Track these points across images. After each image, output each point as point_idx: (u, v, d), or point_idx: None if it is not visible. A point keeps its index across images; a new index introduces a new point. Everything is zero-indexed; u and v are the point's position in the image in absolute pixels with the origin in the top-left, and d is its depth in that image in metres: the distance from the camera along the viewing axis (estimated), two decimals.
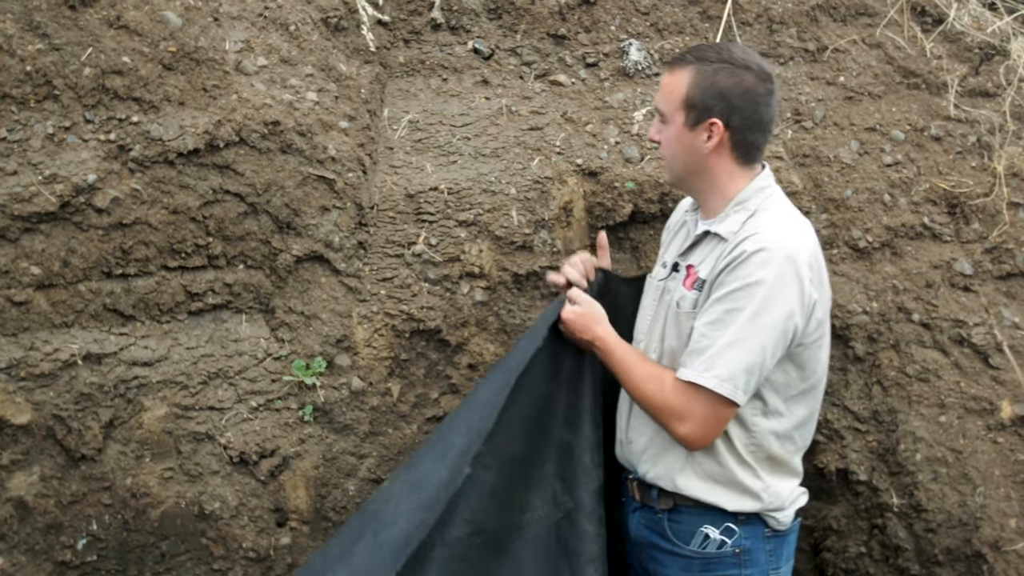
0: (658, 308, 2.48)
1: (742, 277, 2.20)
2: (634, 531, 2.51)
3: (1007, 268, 3.20)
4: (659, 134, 2.37)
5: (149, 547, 2.84)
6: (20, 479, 2.73)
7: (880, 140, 3.28)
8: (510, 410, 2.26)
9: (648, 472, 2.43)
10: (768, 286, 2.18)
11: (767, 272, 2.18)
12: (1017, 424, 3.08)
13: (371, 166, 3.12)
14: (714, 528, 2.35)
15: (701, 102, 2.27)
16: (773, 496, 2.36)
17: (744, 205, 2.34)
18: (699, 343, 2.24)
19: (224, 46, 2.94)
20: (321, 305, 2.98)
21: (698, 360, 2.22)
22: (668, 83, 2.32)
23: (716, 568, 2.37)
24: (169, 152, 2.79)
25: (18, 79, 2.73)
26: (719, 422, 2.25)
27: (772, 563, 2.41)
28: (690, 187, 2.44)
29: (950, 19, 3.39)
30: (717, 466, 2.34)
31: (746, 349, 2.18)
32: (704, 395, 2.21)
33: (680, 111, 2.30)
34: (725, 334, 2.19)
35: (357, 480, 2.98)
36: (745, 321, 2.18)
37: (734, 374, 2.19)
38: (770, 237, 2.23)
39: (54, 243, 2.74)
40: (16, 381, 2.71)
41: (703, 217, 2.44)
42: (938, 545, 3.04)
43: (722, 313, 2.21)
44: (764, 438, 2.34)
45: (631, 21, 3.51)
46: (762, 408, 2.33)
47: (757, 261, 2.19)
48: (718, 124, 2.29)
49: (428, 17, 3.49)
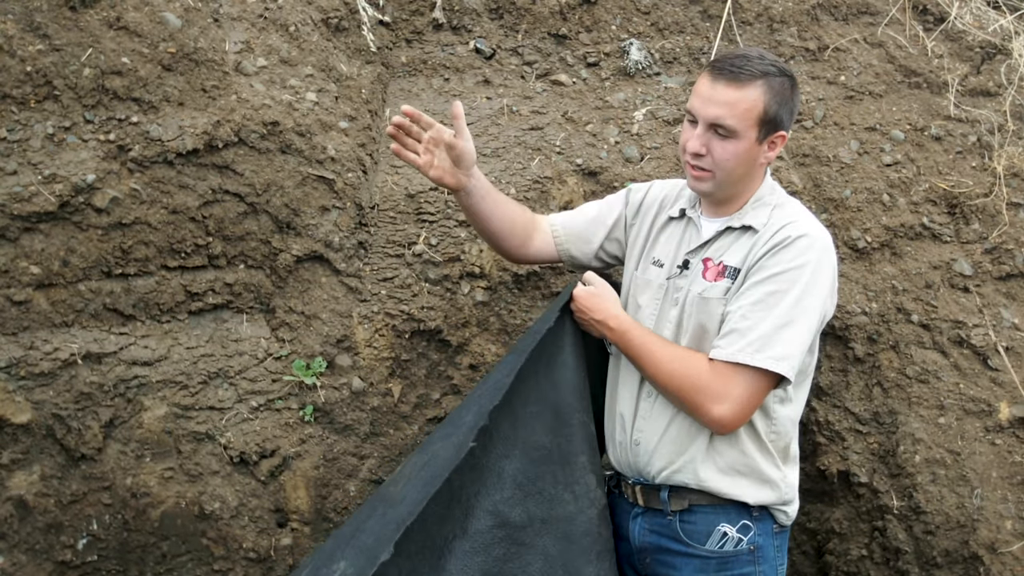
0: (663, 305, 2.47)
1: (786, 261, 2.26)
2: (637, 537, 2.48)
3: (1007, 269, 3.19)
4: (712, 148, 2.31)
5: (149, 547, 2.84)
6: (20, 478, 2.74)
7: (880, 140, 3.27)
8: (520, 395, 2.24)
9: (663, 470, 2.40)
10: (811, 270, 2.26)
11: (810, 257, 2.26)
12: (1015, 426, 3.07)
13: (372, 166, 3.12)
14: (731, 526, 2.36)
15: (776, 116, 2.29)
16: (787, 487, 2.41)
17: (763, 200, 2.40)
18: (739, 324, 2.26)
19: (224, 47, 2.94)
20: (321, 305, 2.98)
21: (741, 340, 2.24)
22: (737, 99, 2.26)
23: (733, 567, 2.38)
24: (168, 152, 2.80)
25: (18, 79, 2.74)
26: (754, 403, 2.28)
27: (779, 559, 2.44)
28: (726, 195, 2.42)
29: (951, 18, 3.37)
30: (740, 455, 2.35)
31: (798, 330, 2.24)
32: (747, 375, 2.24)
33: (755, 127, 2.28)
34: (771, 315, 2.23)
35: (358, 481, 2.98)
36: (792, 303, 2.23)
37: (789, 353, 2.23)
38: (809, 225, 2.33)
39: (54, 243, 2.75)
40: (16, 380, 2.71)
41: (713, 214, 2.46)
42: (936, 547, 3.03)
43: (765, 295, 2.25)
44: (783, 425, 2.39)
45: (632, 21, 3.51)
46: (781, 395, 2.37)
47: (801, 246, 2.27)
48: (784, 136, 2.36)
49: (430, 17, 3.49)
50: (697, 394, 2.27)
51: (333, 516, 2.97)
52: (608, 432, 2.57)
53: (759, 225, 2.36)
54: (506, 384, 2.21)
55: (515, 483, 2.20)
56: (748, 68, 2.27)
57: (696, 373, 2.28)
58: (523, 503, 2.21)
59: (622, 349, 2.42)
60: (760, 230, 2.35)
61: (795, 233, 2.28)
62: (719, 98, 2.26)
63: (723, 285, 2.35)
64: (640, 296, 2.52)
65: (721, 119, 2.26)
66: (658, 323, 2.47)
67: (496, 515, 2.16)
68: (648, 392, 2.45)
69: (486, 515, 2.15)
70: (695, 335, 2.38)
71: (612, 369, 2.59)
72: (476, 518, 2.13)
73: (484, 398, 2.27)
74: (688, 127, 2.35)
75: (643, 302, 2.51)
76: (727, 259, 2.38)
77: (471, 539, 2.12)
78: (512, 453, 2.22)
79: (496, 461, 2.19)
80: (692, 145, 2.30)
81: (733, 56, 2.31)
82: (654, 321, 2.47)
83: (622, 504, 2.54)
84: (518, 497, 2.20)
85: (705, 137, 2.29)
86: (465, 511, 2.12)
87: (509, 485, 2.20)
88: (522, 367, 2.25)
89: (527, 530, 2.20)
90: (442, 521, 2.08)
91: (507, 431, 2.22)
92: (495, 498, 2.17)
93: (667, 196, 2.62)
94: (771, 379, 2.27)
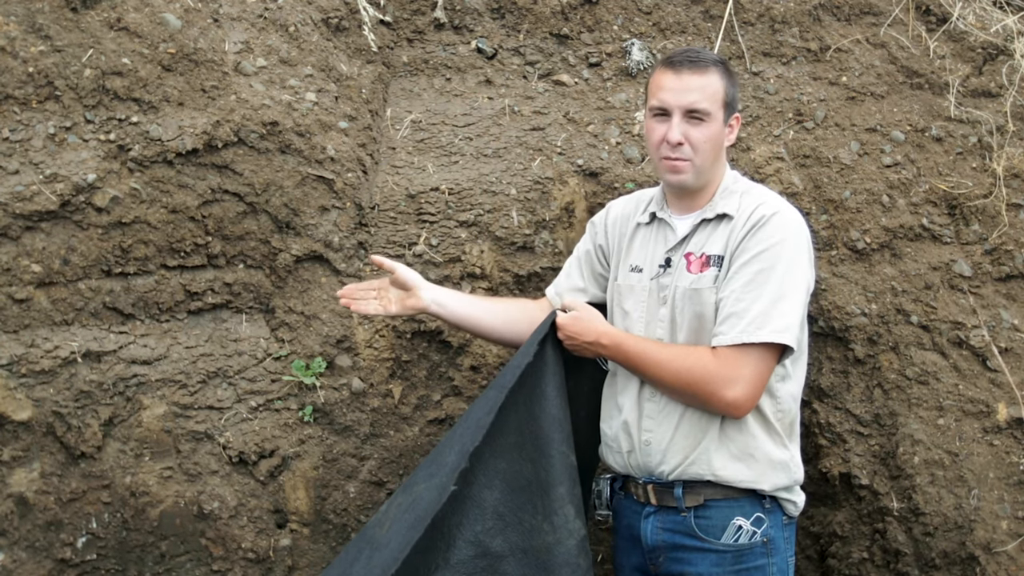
0: (651, 306, 2.50)
1: (765, 239, 2.36)
2: (650, 536, 2.49)
3: (1007, 270, 3.17)
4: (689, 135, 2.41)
5: (148, 546, 2.85)
6: (21, 475, 2.75)
7: (880, 141, 3.25)
8: (501, 427, 2.26)
9: (678, 466, 2.42)
10: (791, 244, 2.38)
11: (787, 232, 2.38)
12: (1012, 427, 3.06)
13: (372, 166, 3.13)
14: (745, 519, 2.41)
15: (733, 99, 2.47)
16: (796, 467, 2.48)
17: (730, 189, 2.51)
18: (735, 307, 2.34)
19: (223, 47, 2.96)
20: (321, 305, 2.98)
21: (741, 322, 2.32)
22: (704, 84, 2.41)
23: (748, 559, 2.42)
24: (168, 152, 2.81)
25: (20, 80, 2.76)
26: (764, 381, 2.36)
27: (788, 550, 2.50)
28: (701, 184, 2.50)
29: (954, 18, 3.36)
30: (751, 439, 2.41)
31: (791, 302, 2.34)
32: (753, 354, 2.32)
33: (721, 110, 2.43)
34: (763, 292, 2.32)
35: (358, 482, 2.98)
36: (780, 277, 2.33)
37: (789, 324, 2.33)
38: (779, 203, 2.45)
39: (54, 241, 2.77)
40: (17, 377, 2.73)
41: (684, 211, 2.54)
42: (935, 548, 3.02)
43: (754, 274, 2.34)
44: (786, 402, 2.46)
45: (633, 21, 3.51)
46: (781, 372, 2.44)
47: (776, 223, 2.38)
48: (739, 119, 2.54)
49: (431, 17, 3.50)
50: (708, 384, 2.33)
51: (332, 517, 2.97)
52: (611, 442, 2.57)
53: (732, 211, 2.45)
54: (487, 423, 2.23)
55: (496, 513, 2.23)
56: (703, 57, 2.45)
57: (702, 364, 2.34)
58: (503, 533, 2.24)
59: (620, 362, 2.47)
60: (735, 216, 2.44)
61: (768, 212, 2.40)
62: (690, 85, 2.40)
63: (711, 274, 2.42)
64: (625, 302, 2.56)
65: (696, 103, 2.39)
66: (649, 325, 2.50)
67: (477, 545, 2.19)
68: (651, 393, 2.47)
69: (468, 545, 2.18)
70: (692, 327, 2.43)
71: (609, 383, 2.61)
72: (458, 548, 2.17)
73: (466, 436, 2.29)
74: (657, 124, 2.45)
75: (629, 307, 2.55)
76: (708, 249, 2.45)
77: (453, 569, 2.15)
78: (493, 483, 2.24)
79: (478, 491, 2.22)
80: (673, 135, 2.40)
81: (685, 51, 2.49)
82: (644, 323, 2.50)
83: (631, 505, 2.55)
84: (499, 527, 2.23)
85: (682, 126, 2.40)
86: (448, 542, 2.16)
87: (491, 515, 2.23)
88: (503, 403, 2.27)
89: (507, 560, 2.23)
90: (425, 552, 2.11)
91: (488, 461, 2.25)
92: (476, 529, 2.20)
93: (627, 209, 2.69)
94: (775, 353, 2.36)
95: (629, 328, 2.51)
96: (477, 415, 2.34)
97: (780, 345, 2.35)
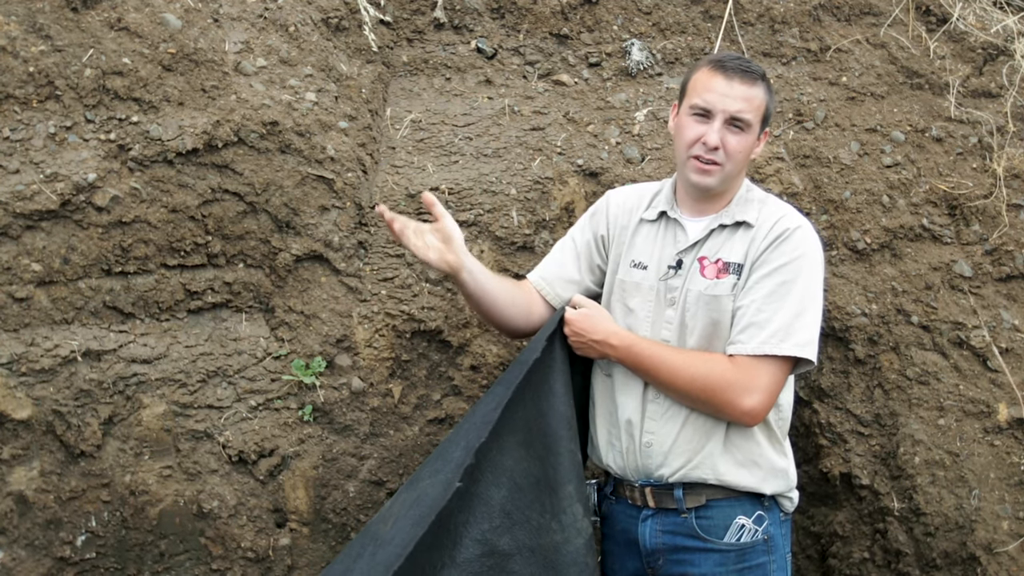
0: (657, 306, 2.48)
1: (788, 252, 2.39)
2: (648, 539, 2.48)
3: (1007, 270, 3.17)
4: (727, 141, 2.42)
5: (148, 545, 2.85)
6: (20, 473, 2.75)
7: (880, 141, 3.25)
8: (508, 424, 2.25)
9: (680, 469, 2.42)
10: (812, 258, 2.41)
11: (808, 246, 2.42)
12: (1013, 427, 3.06)
13: (372, 166, 3.13)
14: (747, 518, 2.43)
15: (769, 114, 2.50)
16: (793, 472, 2.52)
17: (746, 197, 2.52)
18: (755, 317, 2.35)
19: (223, 47, 2.96)
20: (321, 305, 2.99)
21: (763, 333, 2.34)
22: (752, 95, 2.42)
23: (750, 557, 2.43)
24: (168, 152, 2.82)
25: (21, 80, 2.77)
26: (778, 392, 2.39)
27: (786, 547, 2.52)
28: (723, 190, 2.51)
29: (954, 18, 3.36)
30: (755, 447, 2.43)
31: (812, 316, 2.38)
32: (771, 365, 2.34)
33: (759, 123, 2.46)
34: (785, 305, 2.34)
35: (357, 482, 2.98)
36: (802, 291, 2.36)
37: (811, 339, 2.36)
38: (799, 218, 2.47)
39: (55, 240, 2.77)
40: (17, 376, 2.73)
41: (697, 213, 2.52)
42: (936, 548, 3.02)
43: (776, 286, 2.36)
44: (786, 410, 2.51)
45: (633, 21, 3.51)
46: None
47: (799, 237, 2.41)
48: (768, 132, 2.57)
49: (431, 16, 3.50)
50: (725, 392, 2.34)
51: (332, 517, 2.97)
52: (606, 440, 2.55)
53: (752, 220, 2.45)
54: (493, 419, 2.22)
55: (503, 512, 2.22)
56: (754, 68, 2.45)
57: (720, 372, 2.35)
58: (511, 531, 2.22)
59: (630, 364, 2.44)
60: (755, 225, 2.45)
61: (792, 225, 2.42)
62: (738, 94, 2.40)
63: (729, 281, 2.42)
64: (630, 299, 2.53)
65: (742, 112, 2.40)
66: (655, 326, 2.48)
67: (484, 544, 2.17)
68: (655, 395, 2.45)
69: (474, 544, 2.16)
70: (705, 333, 2.42)
71: (603, 382, 2.58)
72: (464, 547, 2.15)
73: (472, 433, 2.28)
74: (694, 123, 2.43)
75: (634, 305, 2.52)
76: (725, 255, 2.45)
77: (459, 568, 2.13)
78: (500, 481, 2.23)
79: (485, 489, 2.20)
80: (712, 139, 2.40)
81: (735, 57, 2.48)
82: (650, 324, 2.48)
83: (624, 509, 2.54)
84: (506, 525, 2.21)
85: (722, 131, 2.40)
86: (454, 540, 2.14)
87: (498, 514, 2.21)
88: (510, 399, 2.26)
89: (515, 558, 2.21)
90: (431, 550, 2.08)
91: (495, 459, 2.23)
92: (483, 527, 2.18)
93: (628, 202, 2.66)
94: (790, 366, 2.39)
95: (633, 327, 2.49)
96: (484, 411, 2.33)
97: (794, 359, 2.36)
